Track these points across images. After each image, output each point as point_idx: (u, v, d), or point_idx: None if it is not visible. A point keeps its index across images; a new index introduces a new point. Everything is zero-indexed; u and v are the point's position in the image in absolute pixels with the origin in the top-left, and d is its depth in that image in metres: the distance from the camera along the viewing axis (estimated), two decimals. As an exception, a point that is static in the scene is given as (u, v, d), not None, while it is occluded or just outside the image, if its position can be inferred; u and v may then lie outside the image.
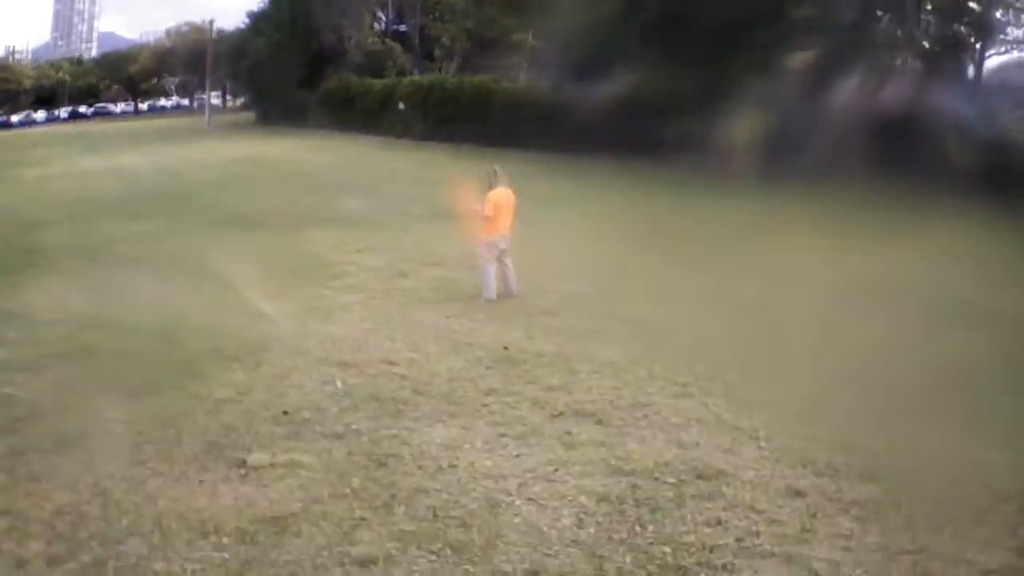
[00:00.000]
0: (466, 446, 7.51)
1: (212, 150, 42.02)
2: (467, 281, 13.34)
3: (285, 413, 8.22)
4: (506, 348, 10.29)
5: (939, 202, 18.27)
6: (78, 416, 8.24)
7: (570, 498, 6.53)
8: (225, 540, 5.95)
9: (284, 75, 55.07)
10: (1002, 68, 31.11)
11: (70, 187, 30.32)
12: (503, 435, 7.76)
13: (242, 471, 7.04)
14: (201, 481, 6.86)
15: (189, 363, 9.69)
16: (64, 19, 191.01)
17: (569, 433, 7.75)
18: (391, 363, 9.79)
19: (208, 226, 20.28)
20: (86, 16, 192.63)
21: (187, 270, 15.21)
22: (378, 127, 46.17)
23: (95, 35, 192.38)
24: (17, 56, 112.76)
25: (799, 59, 28.33)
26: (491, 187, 12.93)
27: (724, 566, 5.58)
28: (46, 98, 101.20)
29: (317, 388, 8.96)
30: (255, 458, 7.25)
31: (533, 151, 30.44)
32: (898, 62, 29.80)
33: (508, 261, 12.87)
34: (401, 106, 45.63)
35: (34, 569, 5.65)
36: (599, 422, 8.02)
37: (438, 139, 40.75)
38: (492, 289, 12.63)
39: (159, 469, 7.05)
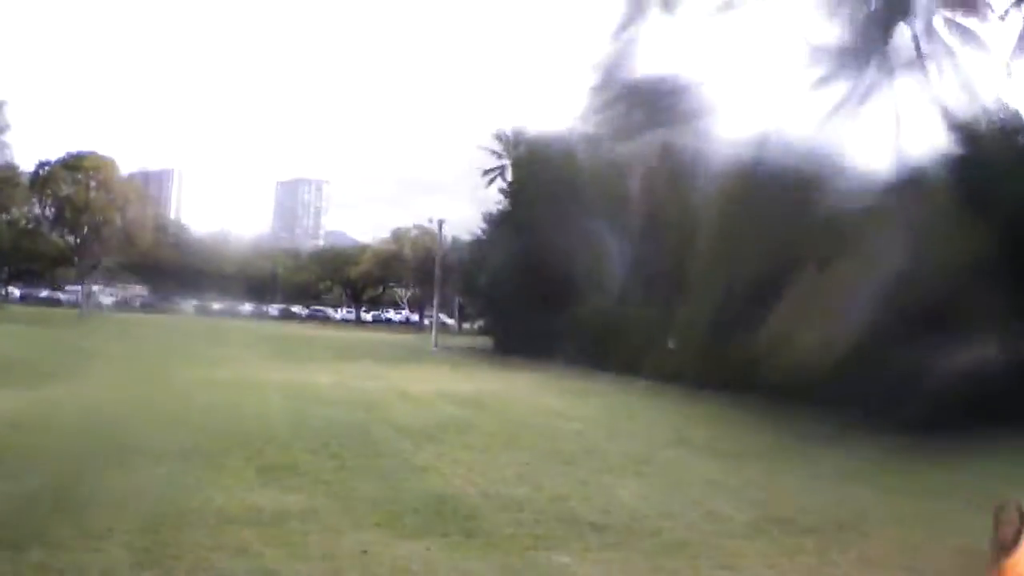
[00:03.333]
0: None
1: (430, 380, 35.51)
2: None
3: None
4: None
5: None
6: None
7: None
8: None
9: (526, 294, 49.34)
10: None
11: (222, 404, 24.48)
12: None
13: None
14: None
15: None
16: (287, 210, 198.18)
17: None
18: None
19: (388, 522, 12.79)
20: (312, 210, 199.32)
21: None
22: (642, 368, 39.46)
23: (322, 231, 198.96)
24: (229, 240, 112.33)
25: None
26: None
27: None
28: (257, 288, 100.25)
29: None
30: None
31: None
32: None
33: None
34: (671, 344, 39.16)
35: None
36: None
37: (715, 387, 34.13)
38: None
39: None
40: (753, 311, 31.01)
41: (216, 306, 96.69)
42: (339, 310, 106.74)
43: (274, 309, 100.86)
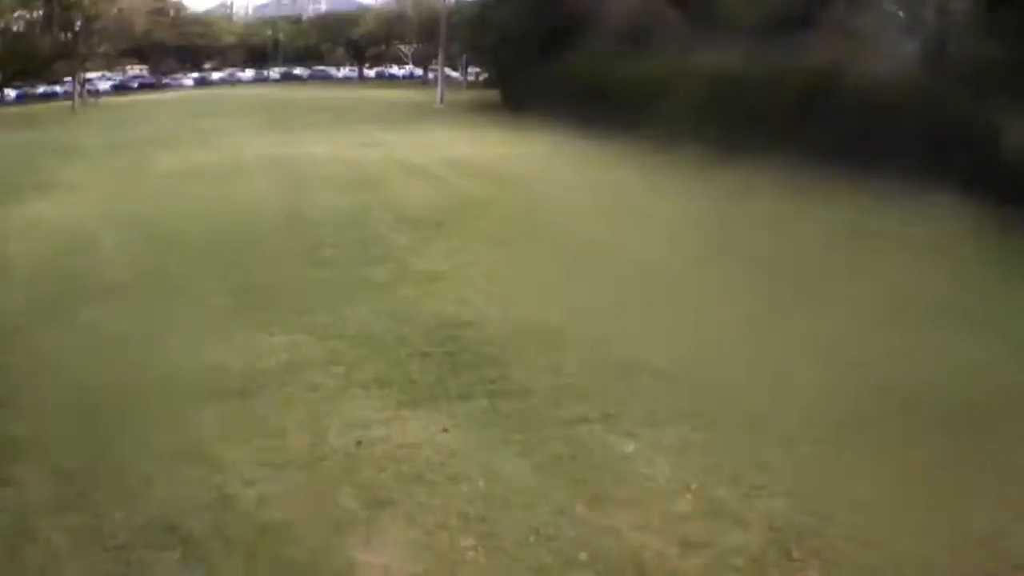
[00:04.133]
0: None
1: (438, 146, 31.11)
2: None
3: None
4: None
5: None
6: None
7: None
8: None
9: (530, 50, 44.93)
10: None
11: (203, 200, 21.13)
12: None
13: None
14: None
15: None
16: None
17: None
18: None
19: (388, 381, 9.76)
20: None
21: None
22: (640, 123, 33.80)
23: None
24: (228, 11, 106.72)
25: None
26: None
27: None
28: (258, 56, 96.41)
29: None
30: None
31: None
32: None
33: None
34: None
35: None
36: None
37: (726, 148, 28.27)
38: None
39: None
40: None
41: (216, 76, 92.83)
42: (341, 69, 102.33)
43: (275, 73, 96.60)
